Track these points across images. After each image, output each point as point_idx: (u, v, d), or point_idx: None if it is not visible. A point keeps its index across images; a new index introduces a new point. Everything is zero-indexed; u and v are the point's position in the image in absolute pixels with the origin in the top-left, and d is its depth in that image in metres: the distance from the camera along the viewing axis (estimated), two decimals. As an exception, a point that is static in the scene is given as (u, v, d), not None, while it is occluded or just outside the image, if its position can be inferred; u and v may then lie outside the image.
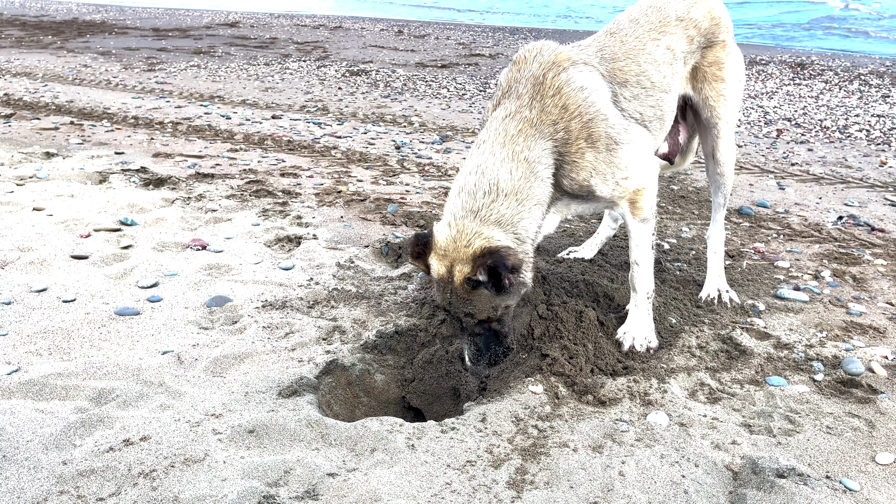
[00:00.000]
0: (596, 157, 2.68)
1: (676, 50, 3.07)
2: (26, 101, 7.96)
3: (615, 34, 3.01)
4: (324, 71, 10.23)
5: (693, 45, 3.14)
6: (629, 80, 2.90)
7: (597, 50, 2.91)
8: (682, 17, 3.12)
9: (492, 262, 2.42)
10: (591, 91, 2.70)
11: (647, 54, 2.97)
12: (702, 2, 3.20)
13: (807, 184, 5.46)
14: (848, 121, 7.40)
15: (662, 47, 3.02)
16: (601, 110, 2.70)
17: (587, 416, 2.56)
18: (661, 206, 4.88)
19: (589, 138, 2.66)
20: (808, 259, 4.00)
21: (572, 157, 2.66)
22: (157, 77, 9.67)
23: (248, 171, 5.58)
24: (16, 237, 3.99)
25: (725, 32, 3.25)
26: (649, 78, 2.94)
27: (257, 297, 3.44)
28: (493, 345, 2.69)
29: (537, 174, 2.62)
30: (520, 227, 2.58)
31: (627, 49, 2.95)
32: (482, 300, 2.54)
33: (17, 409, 2.51)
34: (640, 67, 2.93)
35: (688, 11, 3.14)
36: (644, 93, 2.92)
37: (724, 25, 3.25)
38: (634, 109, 2.89)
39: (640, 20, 3.07)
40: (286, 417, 2.47)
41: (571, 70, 2.71)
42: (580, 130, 2.65)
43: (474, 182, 2.59)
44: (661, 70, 2.99)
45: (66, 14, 17.32)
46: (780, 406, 2.64)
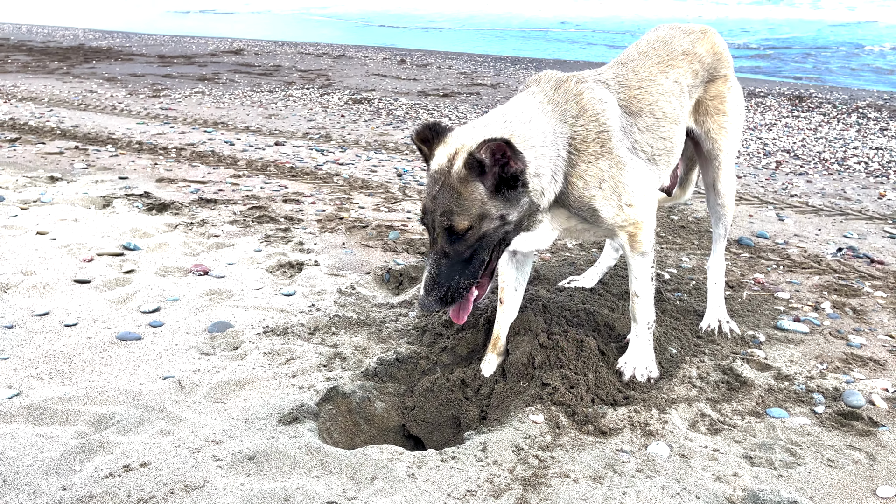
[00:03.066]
0: (604, 168, 2.65)
1: (683, 83, 3.12)
2: (32, 126, 8.03)
3: (626, 64, 3.06)
4: (327, 98, 10.33)
5: (697, 79, 3.20)
6: (643, 110, 2.93)
7: (613, 77, 2.96)
8: (687, 52, 3.18)
9: (496, 147, 2.24)
10: (608, 107, 2.72)
11: (658, 85, 3.02)
12: (704, 38, 3.27)
13: (806, 215, 5.49)
14: (846, 153, 7.46)
15: (671, 80, 3.07)
16: (613, 128, 2.72)
17: (588, 446, 2.55)
18: (661, 235, 4.91)
19: (602, 147, 2.66)
20: (807, 290, 4.01)
21: (589, 157, 2.63)
22: (162, 103, 9.77)
23: (251, 196, 5.62)
24: (19, 261, 4.01)
25: (727, 67, 3.31)
26: (661, 108, 2.98)
27: (258, 323, 3.45)
28: (457, 275, 2.35)
29: (558, 146, 2.56)
30: (542, 162, 2.47)
31: (640, 79, 3.00)
32: (472, 197, 2.30)
33: (17, 433, 2.50)
34: (653, 97, 2.97)
35: (692, 46, 3.20)
36: (656, 123, 2.96)
37: (726, 60, 3.31)
38: (646, 142, 2.91)
39: (648, 53, 3.13)
40: (286, 444, 2.47)
41: (591, 83, 2.76)
42: (596, 135, 2.65)
43: (504, 111, 2.56)
44: (671, 102, 3.03)
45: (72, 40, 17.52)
46: (781, 438, 2.63)
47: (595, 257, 4.43)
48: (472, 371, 3.01)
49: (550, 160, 2.55)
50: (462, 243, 2.35)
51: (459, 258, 2.36)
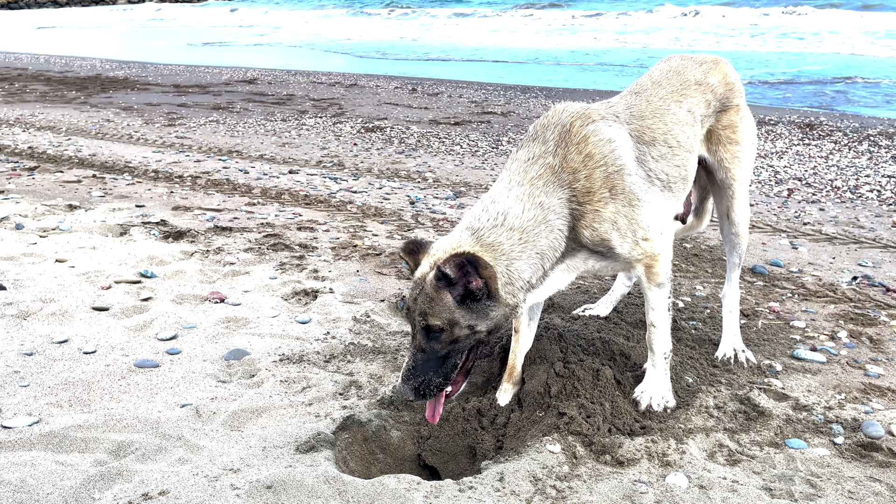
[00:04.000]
0: (617, 210, 2.67)
1: (696, 113, 3.15)
2: (50, 155, 8.16)
3: (640, 94, 3.08)
4: (339, 127, 10.45)
5: (710, 109, 3.23)
6: (657, 139, 2.94)
7: (626, 107, 2.98)
8: (700, 82, 3.20)
9: (460, 262, 2.35)
10: (618, 145, 2.73)
11: (672, 114, 3.04)
12: (716, 68, 3.30)
13: (820, 243, 5.49)
14: (858, 181, 7.46)
15: (685, 109, 3.10)
16: (626, 165, 2.72)
17: (605, 476, 2.54)
18: (674, 264, 4.91)
19: (612, 190, 2.66)
20: (823, 319, 4.00)
21: (594, 206, 2.64)
22: (178, 132, 9.90)
23: (266, 224, 5.67)
24: (38, 288, 4.06)
25: (738, 97, 3.34)
26: (675, 137, 3.00)
27: (275, 351, 3.47)
28: (431, 371, 2.46)
29: (549, 222, 2.59)
30: (513, 266, 2.51)
31: (653, 108, 3.02)
32: (442, 303, 2.41)
33: (37, 461, 2.52)
34: (667, 126, 2.99)
35: (705, 76, 3.23)
36: (670, 152, 2.97)
37: (738, 90, 3.35)
38: (661, 170, 2.92)
39: (662, 83, 3.16)
40: (304, 473, 2.47)
41: (600, 122, 2.75)
42: (604, 181, 2.65)
43: (483, 208, 2.59)
44: (685, 130, 3.05)
45: (89, 70, 17.83)
46: (801, 469, 2.61)
47: (609, 285, 4.43)
48: (488, 400, 3.01)
49: (532, 255, 2.55)
50: (437, 342, 2.47)
51: (435, 356, 2.48)
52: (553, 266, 2.69)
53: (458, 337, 2.46)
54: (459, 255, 2.37)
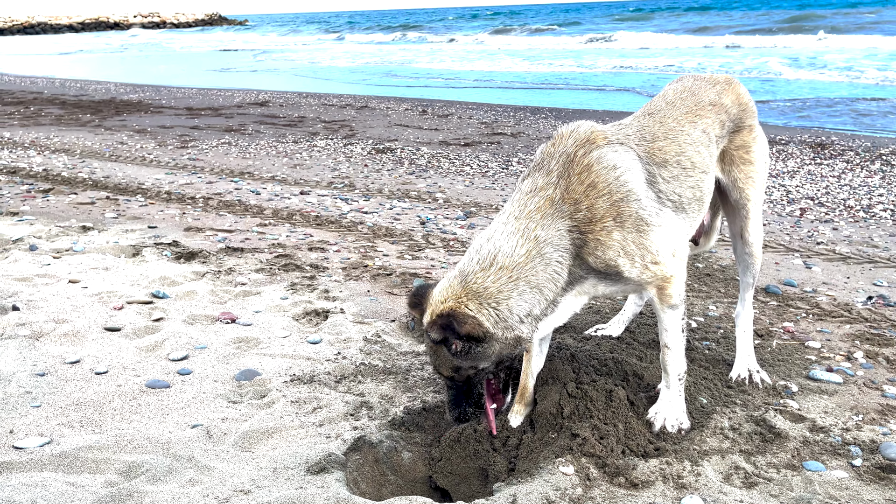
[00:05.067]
0: (624, 236, 2.65)
1: (711, 134, 3.12)
2: (65, 177, 8.24)
3: (653, 115, 3.06)
4: (350, 149, 10.51)
5: (724, 130, 3.21)
6: (669, 160, 2.91)
7: (637, 129, 2.95)
8: (714, 103, 3.18)
9: (443, 323, 2.51)
10: (624, 170, 2.69)
11: (686, 135, 3.01)
12: (730, 88, 3.29)
13: (833, 263, 5.44)
14: (871, 200, 7.42)
15: (699, 130, 3.07)
16: (633, 190, 2.69)
17: (620, 498, 2.50)
18: (686, 283, 4.87)
19: (618, 217, 2.64)
20: (839, 339, 3.95)
21: (597, 235, 2.62)
22: (190, 154, 9.99)
23: (277, 245, 5.69)
24: (51, 309, 4.08)
25: (751, 117, 3.33)
26: (689, 158, 2.97)
27: (285, 371, 3.46)
28: (463, 401, 2.74)
29: (544, 255, 2.57)
30: (503, 306, 2.53)
31: (667, 129, 2.99)
32: (441, 357, 2.62)
33: (48, 482, 2.51)
34: (681, 147, 2.97)
35: (719, 97, 3.21)
36: (684, 173, 2.95)
37: (750, 110, 3.33)
38: (672, 191, 2.90)
39: (676, 103, 3.14)
40: (315, 495, 2.45)
41: (605, 148, 2.72)
42: (608, 209, 2.62)
43: (478, 247, 2.63)
44: (700, 151, 3.03)
45: (104, 94, 18.07)
46: (819, 492, 2.57)
47: (620, 305, 4.41)
48: (500, 422, 2.98)
49: (526, 291, 2.56)
50: (455, 382, 2.72)
51: (460, 390, 2.74)
52: (562, 293, 2.68)
53: (468, 377, 2.68)
54: (440, 318, 2.52)
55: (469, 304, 2.52)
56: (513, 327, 2.56)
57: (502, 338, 2.55)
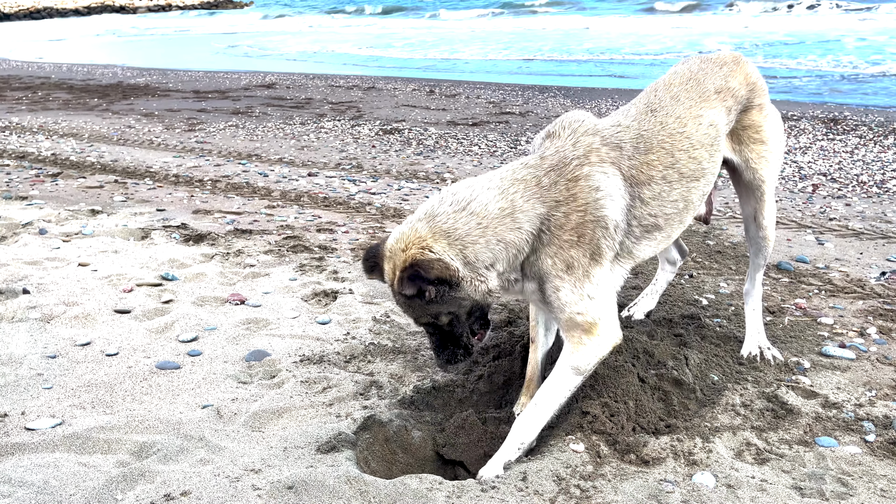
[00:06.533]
0: (577, 257, 2.58)
1: (719, 125, 2.97)
2: (73, 161, 8.25)
3: (656, 113, 2.87)
4: (358, 130, 10.46)
5: (731, 115, 3.07)
6: (654, 178, 2.75)
7: (635, 135, 2.78)
8: (720, 90, 3.01)
9: (411, 274, 2.44)
10: (605, 196, 2.61)
11: (685, 138, 2.84)
12: (738, 68, 3.13)
13: (846, 239, 5.38)
14: (885, 175, 7.32)
15: (705, 125, 2.91)
16: (606, 217, 2.60)
17: (630, 475, 2.50)
18: (696, 261, 4.84)
19: (582, 237, 2.57)
20: (852, 315, 3.92)
21: (561, 243, 2.56)
22: (198, 137, 9.98)
23: (286, 227, 5.68)
24: (62, 292, 4.09)
25: (761, 96, 3.19)
26: (678, 170, 2.80)
27: (295, 352, 3.46)
28: (449, 344, 2.70)
29: (516, 219, 2.53)
30: (469, 250, 2.49)
31: (665, 135, 2.81)
32: (416, 308, 2.58)
33: (60, 462, 2.53)
34: (673, 158, 2.80)
35: (725, 82, 3.05)
36: (668, 189, 2.78)
37: (760, 89, 3.19)
38: (649, 213, 2.75)
39: (680, 97, 2.95)
40: (325, 474, 2.46)
41: (596, 167, 2.63)
42: (578, 225, 2.57)
43: (454, 192, 2.59)
44: (696, 155, 2.85)
45: (111, 78, 18.05)
46: (832, 468, 2.55)
47: (631, 282, 4.38)
48: (506, 414, 2.97)
49: (493, 242, 2.51)
50: (436, 329, 2.69)
51: (443, 336, 2.70)
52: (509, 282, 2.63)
53: (446, 322, 2.65)
54: (407, 270, 2.45)
55: (434, 246, 2.47)
56: (481, 275, 2.52)
57: (471, 285, 2.52)
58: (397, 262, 2.51)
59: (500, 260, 2.55)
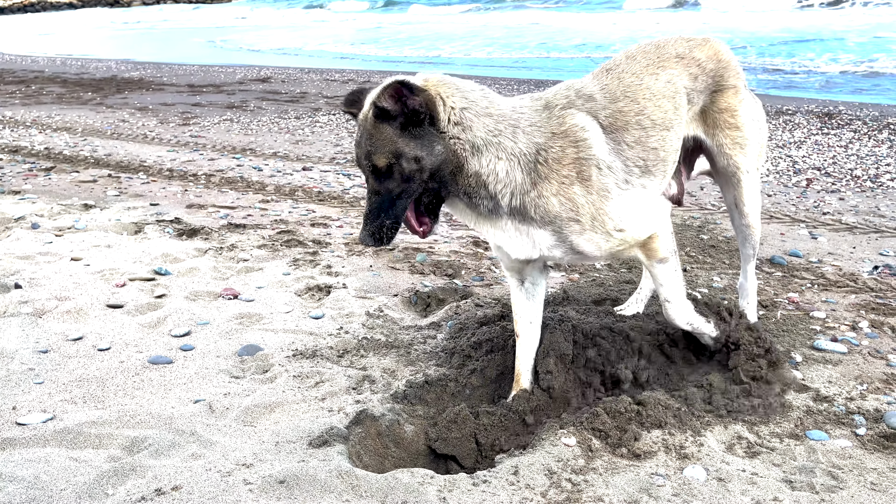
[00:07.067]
0: (582, 195, 2.58)
1: (678, 84, 2.95)
2: (66, 155, 8.22)
3: (612, 71, 2.93)
4: (353, 124, 10.44)
5: (697, 83, 3.03)
6: (629, 122, 2.80)
7: (600, 88, 2.83)
8: (682, 55, 3.02)
9: (395, 90, 2.34)
10: (591, 137, 2.65)
11: (646, 89, 2.87)
12: (705, 44, 3.10)
13: (840, 233, 5.39)
14: (879, 170, 7.34)
15: (662, 81, 2.92)
16: (596, 156, 2.63)
17: (622, 469, 2.50)
18: (690, 255, 4.85)
19: (581, 174, 2.59)
20: (844, 309, 3.93)
21: (561, 178, 2.56)
22: (192, 131, 9.95)
23: (279, 221, 5.67)
24: (53, 286, 4.08)
25: (735, 77, 3.13)
26: (648, 116, 2.84)
27: (288, 346, 3.46)
28: (383, 214, 2.47)
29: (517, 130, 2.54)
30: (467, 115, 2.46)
31: (625, 86, 2.86)
32: (383, 137, 2.40)
33: (51, 457, 2.53)
34: (639, 105, 2.83)
35: (689, 51, 3.04)
36: (644, 134, 2.82)
37: (733, 69, 3.13)
38: (637, 156, 2.80)
39: (637, 57, 2.99)
40: (317, 468, 2.46)
41: (577, 112, 2.68)
42: (575, 161, 2.59)
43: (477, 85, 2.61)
44: (661, 105, 2.88)
45: (105, 72, 17.97)
46: (822, 461, 2.56)
47: (625, 277, 4.39)
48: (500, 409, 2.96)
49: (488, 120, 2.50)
50: (387, 182, 2.45)
51: (388, 197, 2.47)
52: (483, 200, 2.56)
53: (406, 172, 2.42)
54: (392, 84, 2.34)
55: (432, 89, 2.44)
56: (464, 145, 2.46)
57: (450, 141, 2.44)
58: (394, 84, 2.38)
59: (487, 154, 2.50)
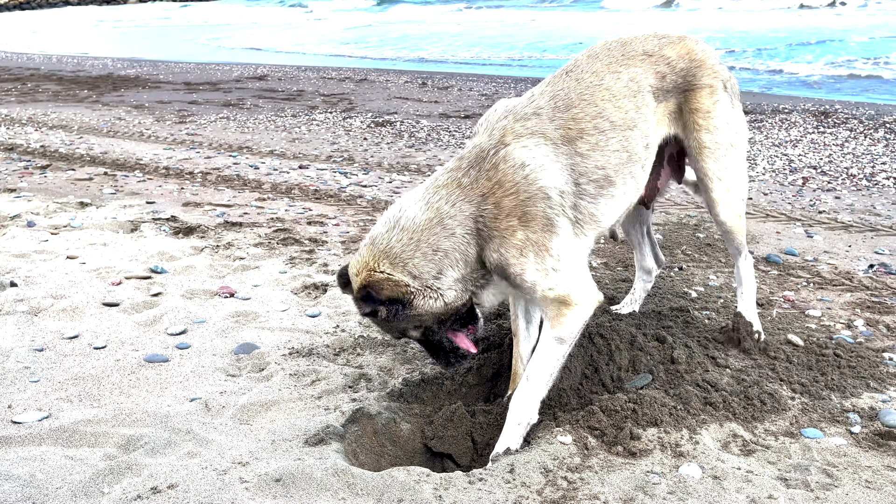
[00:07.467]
0: (527, 236, 2.55)
1: (642, 82, 2.85)
2: (62, 153, 8.20)
3: (571, 72, 2.84)
4: (349, 122, 10.43)
5: (665, 82, 2.92)
6: (585, 130, 2.70)
7: (550, 98, 2.74)
8: (650, 53, 2.91)
9: (364, 295, 2.55)
10: (534, 168, 2.58)
11: (605, 90, 2.77)
12: (678, 42, 3.00)
13: (835, 231, 5.41)
14: (875, 168, 7.35)
15: (624, 79, 2.81)
16: (543, 188, 2.57)
17: (617, 467, 2.51)
18: (686, 253, 4.86)
19: (523, 217, 2.55)
20: (839, 308, 3.94)
21: (502, 233, 2.55)
22: (188, 129, 9.93)
23: (276, 219, 5.66)
24: (49, 285, 4.07)
25: (710, 77, 3.00)
26: (608, 118, 2.73)
27: (284, 345, 3.46)
28: (440, 351, 2.74)
29: (446, 226, 2.54)
30: (410, 265, 2.54)
31: (583, 88, 2.77)
32: (384, 327, 2.70)
33: (47, 455, 2.52)
34: (597, 108, 2.73)
35: (659, 48, 2.94)
36: (603, 138, 2.72)
37: (708, 68, 3.00)
38: (594, 166, 2.70)
39: (599, 55, 2.89)
40: (313, 466, 2.46)
41: (514, 145, 2.61)
42: (513, 208, 2.55)
43: (386, 213, 2.69)
44: (622, 105, 2.77)
45: (101, 69, 17.92)
46: (817, 459, 2.57)
47: (621, 275, 4.39)
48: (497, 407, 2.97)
49: (429, 253, 2.54)
50: (415, 339, 2.76)
51: (429, 344, 2.75)
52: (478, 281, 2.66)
53: (420, 336, 2.71)
54: (360, 291, 2.57)
55: (380, 266, 2.55)
56: (431, 287, 2.56)
57: (424, 300, 2.56)
58: (355, 286, 2.62)
59: (445, 268, 2.57)
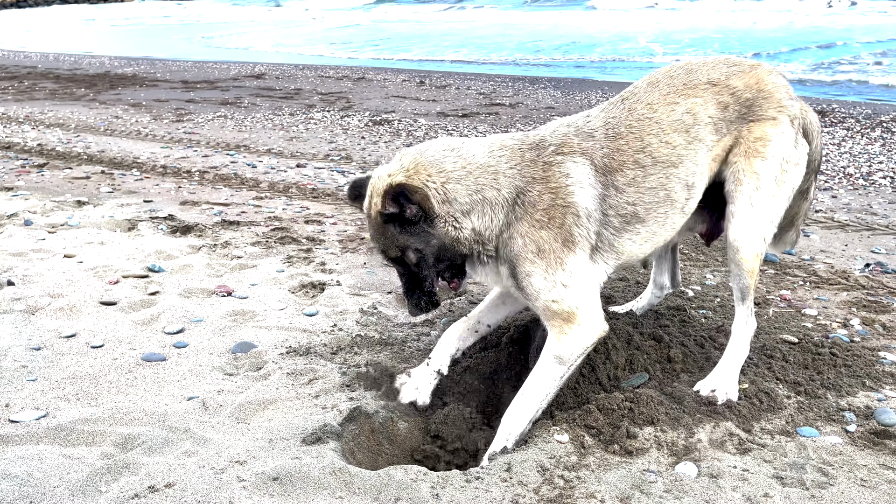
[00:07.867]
0: (547, 239, 2.60)
1: (700, 114, 2.76)
2: (59, 152, 8.19)
3: (626, 100, 2.83)
4: (347, 121, 10.43)
5: (728, 112, 2.80)
6: (625, 163, 2.70)
7: (602, 123, 2.76)
8: (715, 82, 2.81)
9: (396, 193, 2.54)
10: (574, 183, 2.65)
11: (654, 123, 2.73)
12: (749, 70, 2.87)
13: (832, 231, 5.42)
14: (871, 167, 7.37)
15: (679, 111, 2.75)
16: (575, 203, 2.64)
17: (614, 466, 2.52)
18: (684, 252, 4.86)
19: (552, 220, 2.61)
20: (836, 307, 3.95)
21: (531, 219, 2.60)
22: (186, 127, 9.92)
23: (273, 218, 5.66)
24: (47, 283, 4.07)
25: (777, 110, 2.84)
26: (650, 153, 2.71)
27: (282, 344, 3.46)
28: (417, 289, 2.75)
29: (498, 179, 2.63)
30: (452, 188, 2.59)
31: (633, 120, 2.74)
32: (388, 236, 2.65)
33: (44, 454, 2.52)
34: (642, 142, 2.72)
35: (726, 77, 2.82)
36: (642, 173, 2.71)
37: (776, 101, 2.84)
38: (626, 201, 2.71)
39: (660, 82, 2.83)
40: (310, 465, 2.46)
41: (568, 156, 2.70)
42: (549, 207, 2.61)
43: (449, 139, 2.73)
44: (670, 140, 2.72)
45: (98, 68, 17.89)
46: (813, 458, 2.58)
47: (619, 275, 4.40)
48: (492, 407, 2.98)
49: (472, 186, 2.60)
50: (406, 266, 2.72)
51: (414, 276, 2.73)
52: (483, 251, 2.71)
53: (415, 259, 2.67)
54: (391, 189, 2.54)
55: (421, 174, 2.58)
56: (456, 219, 2.61)
57: (444, 225, 2.60)
58: (380, 186, 2.61)
59: (475, 212, 2.62)
